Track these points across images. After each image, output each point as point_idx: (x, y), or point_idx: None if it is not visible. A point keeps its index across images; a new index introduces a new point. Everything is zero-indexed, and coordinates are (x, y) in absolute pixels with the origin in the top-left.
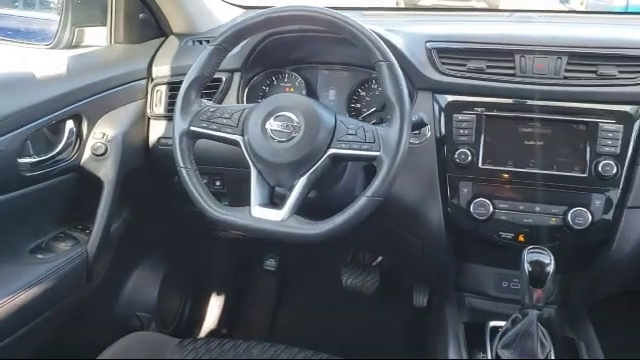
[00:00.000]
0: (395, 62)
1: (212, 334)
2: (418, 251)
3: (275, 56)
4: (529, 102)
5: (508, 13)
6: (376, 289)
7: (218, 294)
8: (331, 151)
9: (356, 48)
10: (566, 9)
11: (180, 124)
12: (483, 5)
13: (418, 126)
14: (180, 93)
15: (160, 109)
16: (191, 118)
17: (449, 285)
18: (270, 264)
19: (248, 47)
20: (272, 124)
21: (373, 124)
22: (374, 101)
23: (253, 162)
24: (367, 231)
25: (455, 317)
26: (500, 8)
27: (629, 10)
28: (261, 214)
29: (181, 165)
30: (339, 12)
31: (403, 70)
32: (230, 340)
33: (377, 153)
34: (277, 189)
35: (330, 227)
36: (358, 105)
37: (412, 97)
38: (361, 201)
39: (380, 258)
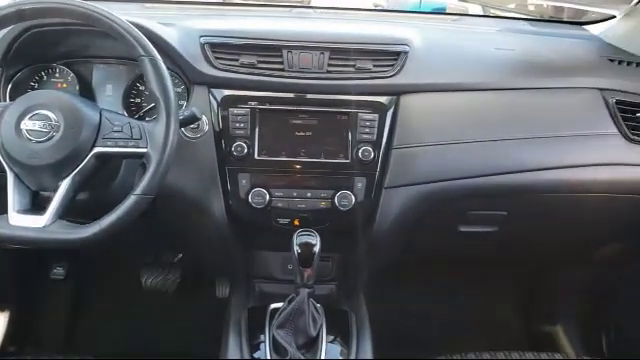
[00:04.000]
0: (158, 57)
1: None
2: (206, 244)
3: (40, 50)
4: (298, 95)
5: (288, 9)
6: (178, 286)
7: (1, 310)
8: (96, 150)
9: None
10: (368, 7)
11: None
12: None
13: (190, 120)
14: None
15: None
16: None
17: (239, 274)
18: (58, 272)
19: (5, 41)
20: (27, 124)
21: (154, 119)
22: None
23: (9, 165)
24: (154, 229)
25: (241, 304)
26: (311, 5)
27: (421, 9)
28: (20, 221)
29: None
30: (98, 5)
31: (177, 65)
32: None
33: (144, 149)
34: (42, 193)
35: (97, 230)
36: (138, 100)
37: (189, 91)
38: (130, 200)
39: (180, 255)
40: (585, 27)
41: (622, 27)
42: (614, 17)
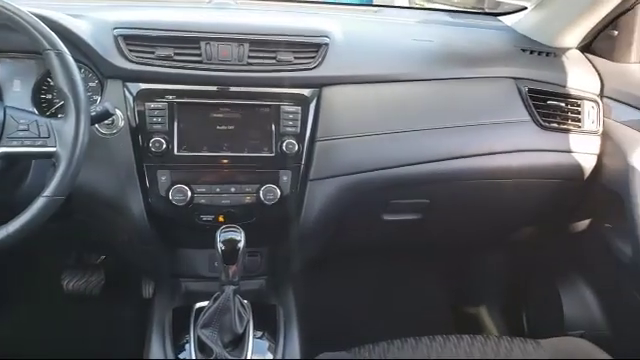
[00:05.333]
0: (64, 50)
1: None
2: (127, 244)
3: None
4: (217, 88)
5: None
6: (102, 288)
7: None
8: (0, 150)
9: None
10: None
11: None
12: None
13: (103, 116)
14: None
15: None
16: None
17: (164, 273)
18: None
19: None
20: None
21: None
22: None
23: None
24: (71, 230)
25: (165, 304)
26: None
27: (346, 1)
28: None
29: None
30: None
31: (89, 58)
32: None
33: (53, 149)
34: None
35: (3, 235)
36: (49, 96)
37: (102, 86)
38: (39, 202)
39: (103, 256)
40: (499, 18)
41: (532, 18)
42: (525, 8)
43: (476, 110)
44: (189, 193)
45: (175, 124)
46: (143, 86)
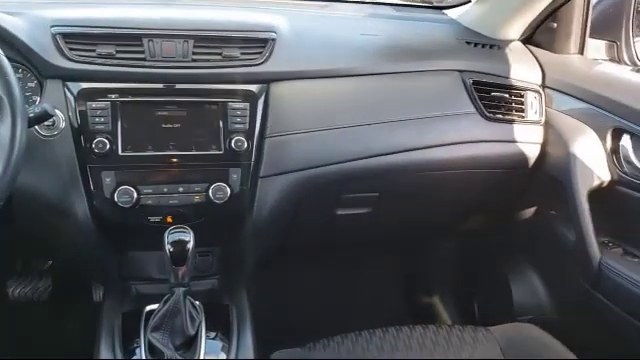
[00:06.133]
0: None
1: None
2: (73, 248)
3: None
4: (162, 86)
5: None
6: (51, 294)
7: None
8: None
9: None
10: None
11: None
12: None
13: (42, 118)
14: None
15: None
16: None
17: (113, 277)
18: None
19: None
20: None
21: None
22: None
23: None
24: (14, 235)
25: (115, 308)
26: None
27: None
28: None
29: None
30: None
31: (26, 58)
32: None
33: None
34: None
35: None
36: None
37: (42, 86)
38: None
39: (50, 261)
40: (444, 11)
41: (475, 11)
42: (470, 1)
43: (423, 103)
44: (135, 194)
45: (119, 124)
46: (84, 85)
